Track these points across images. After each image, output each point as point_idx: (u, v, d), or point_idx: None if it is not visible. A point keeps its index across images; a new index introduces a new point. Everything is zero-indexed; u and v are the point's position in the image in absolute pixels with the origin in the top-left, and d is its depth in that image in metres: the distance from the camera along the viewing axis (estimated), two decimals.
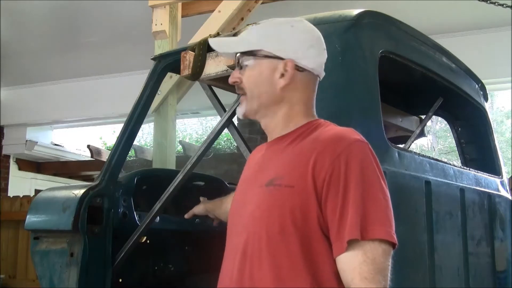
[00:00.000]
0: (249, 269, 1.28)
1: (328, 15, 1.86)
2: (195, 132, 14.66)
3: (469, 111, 2.70)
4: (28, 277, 5.71)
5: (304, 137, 1.36)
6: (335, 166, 1.24)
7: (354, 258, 1.19)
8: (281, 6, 4.50)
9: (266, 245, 1.27)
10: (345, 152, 1.25)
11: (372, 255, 1.18)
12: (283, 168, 1.33)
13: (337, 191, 1.22)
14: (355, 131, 1.33)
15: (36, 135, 8.01)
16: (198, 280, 2.79)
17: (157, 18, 3.91)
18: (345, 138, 1.29)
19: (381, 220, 1.21)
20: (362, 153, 1.27)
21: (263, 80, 1.39)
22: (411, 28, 2.13)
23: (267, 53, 1.38)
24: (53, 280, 2.30)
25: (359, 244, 1.19)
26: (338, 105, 1.76)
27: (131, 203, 2.46)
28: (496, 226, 2.39)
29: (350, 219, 1.20)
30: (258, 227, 1.30)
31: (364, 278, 1.17)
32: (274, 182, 1.31)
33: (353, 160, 1.24)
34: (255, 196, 1.35)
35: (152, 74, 2.37)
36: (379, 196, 1.24)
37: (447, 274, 1.98)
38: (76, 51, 6.37)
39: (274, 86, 1.39)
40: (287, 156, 1.35)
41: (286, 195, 1.27)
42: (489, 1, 3.78)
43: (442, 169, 2.08)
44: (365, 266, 1.17)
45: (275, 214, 1.27)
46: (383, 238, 1.20)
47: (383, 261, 1.19)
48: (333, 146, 1.27)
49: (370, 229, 1.19)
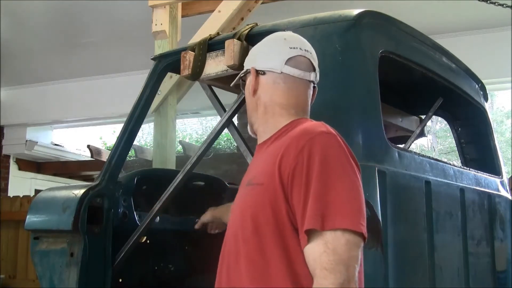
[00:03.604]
0: (226, 270, 1.31)
1: (328, 15, 1.86)
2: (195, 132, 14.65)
3: (469, 111, 2.70)
4: (28, 277, 5.70)
5: (281, 137, 1.39)
6: (298, 159, 1.25)
7: (315, 248, 1.18)
8: (281, 6, 4.50)
9: (242, 245, 1.28)
10: (308, 144, 1.26)
11: (333, 245, 1.17)
12: (258, 168, 1.36)
13: (300, 184, 1.23)
14: (324, 124, 1.34)
15: (36, 135, 8.00)
16: (198, 280, 2.79)
17: (157, 18, 3.91)
18: (309, 132, 1.30)
19: (344, 210, 1.20)
20: (326, 145, 1.27)
21: (248, 99, 1.51)
22: (411, 28, 2.13)
23: (245, 71, 1.52)
24: (53, 280, 2.30)
25: (320, 235, 1.18)
26: (338, 105, 1.76)
27: (131, 203, 2.46)
28: (496, 226, 2.39)
29: (309, 210, 1.20)
30: (235, 229, 1.32)
31: (324, 268, 1.16)
32: (251, 181, 1.34)
33: (315, 152, 1.24)
34: (238, 198, 1.40)
35: (152, 74, 2.37)
36: (344, 186, 1.23)
37: (447, 274, 1.98)
38: (76, 51, 6.36)
39: (250, 97, 1.49)
40: (263, 156, 1.39)
41: (258, 193, 1.29)
42: (489, 1, 3.77)
43: (442, 169, 2.08)
44: (325, 257, 1.16)
45: (248, 214, 1.29)
46: (346, 228, 1.18)
47: (346, 251, 1.17)
48: (297, 141, 1.28)
49: (330, 219, 1.18)
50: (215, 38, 2.14)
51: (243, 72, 1.53)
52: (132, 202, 2.46)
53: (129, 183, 2.50)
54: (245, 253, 1.27)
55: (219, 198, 2.89)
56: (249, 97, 1.50)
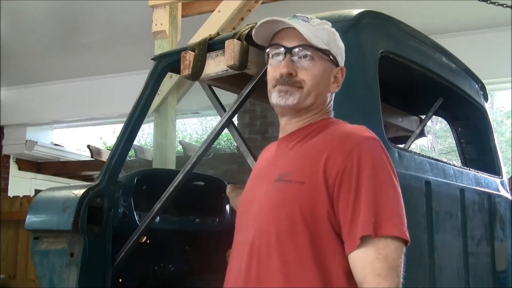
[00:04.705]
0: (256, 266, 1.27)
1: (328, 15, 1.85)
2: (195, 132, 14.65)
3: (469, 111, 2.70)
4: (28, 277, 5.70)
5: (315, 134, 1.37)
6: (347, 163, 1.24)
7: (366, 255, 1.18)
8: (281, 6, 4.50)
9: (275, 242, 1.26)
10: (356, 149, 1.25)
11: (385, 252, 1.17)
12: (293, 164, 1.33)
13: (350, 188, 1.22)
14: (367, 128, 1.35)
15: (36, 135, 8.00)
16: (198, 280, 2.79)
17: (157, 18, 3.91)
18: (357, 136, 1.30)
19: (393, 217, 1.21)
20: (374, 151, 1.28)
21: (323, 81, 1.41)
22: (411, 28, 2.13)
23: (333, 56, 1.42)
24: (53, 280, 2.30)
25: (371, 241, 1.18)
26: (338, 105, 1.75)
27: (131, 203, 2.46)
28: (496, 226, 2.39)
29: (362, 215, 1.19)
30: (266, 224, 1.29)
31: (377, 275, 1.16)
32: (284, 178, 1.31)
33: (365, 157, 1.24)
34: (264, 192, 1.35)
35: (152, 74, 2.37)
36: (391, 193, 1.24)
37: (447, 274, 1.98)
38: (76, 51, 6.36)
39: (328, 89, 1.43)
40: (298, 153, 1.36)
41: (296, 191, 1.27)
42: (489, 1, 3.77)
43: (442, 169, 2.08)
44: (378, 263, 1.17)
45: (285, 212, 1.26)
46: (396, 235, 1.19)
47: (396, 258, 1.18)
48: (344, 144, 1.27)
49: (383, 226, 1.19)
50: (215, 38, 2.13)
51: (334, 59, 1.43)
52: (132, 202, 2.46)
53: (129, 183, 2.51)
54: (279, 252, 1.25)
55: (219, 198, 2.89)
56: (325, 87, 1.41)
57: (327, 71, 1.41)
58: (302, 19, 1.39)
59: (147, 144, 11.13)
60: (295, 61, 1.38)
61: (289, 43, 1.38)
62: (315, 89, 1.38)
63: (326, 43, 1.39)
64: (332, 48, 1.41)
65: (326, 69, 1.41)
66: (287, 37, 1.39)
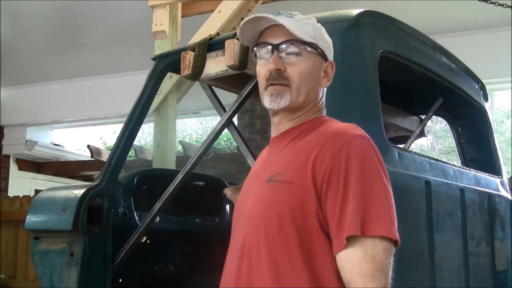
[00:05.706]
0: (247, 267, 1.27)
1: (328, 15, 1.86)
2: (195, 132, 14.65)
3: (469, 111, 2.70)
4: (28, 277, 5.70)
5: (307, 133, 1.36)
6: (335, 162, 1.22)
7: (353, 255, 1.16)
8: (281, 6, 4.50)
9: (264, 243, 1.25)
10: (345, 147, 1.23)
11: (372, 252, 1.16)
12: (283, 164, 1.32)
13: (337, 187, 1.20)
14: (357, 126, 1.32)
15: (36, 135, 8.01)
16: (198, 280, 2.79)
17: (157, 18, 3.91)
18: (346, 134, 1.28)
19: (382, 217, 1.19)
20: (363, 149, 1.25)
21: (313, 76, 1.39)
22: (411, 28, 2.13)
23: (320, 50, 1.40)
24: (53, 280, 2.30)
25: (359, 241, 1.16)
26: (338, 105, 1.75)
27: (131, 203, 2.46)
28: (496, 226, 2.39)
29: (349, 215, 1.18)
30: (256, 225, 1.28)
31: (364, 276, 1.14)
32: (274, 178, 1.30)
33: (353, 155, 1.22)
34: (255, 193, 1.34)
35: (152, 74, 2.37)
36: (380, 192, 1.22)
37: (447, 274, 1.98)
38: (76, 51, 6.36)
39: (319, 84, 1.41)
40: (288, 153, 1.35)
41: (285, 191, 1.26)
42: (489, 1, 3.77)
43: (442, 169, 2.08)
44: (365, 264, 1.15)
45: (274, 212, 1.25)
46: (384, 235, 1.17)
47: (384, 258, 1.16)
48: (333, 142, 1.25)
49: (370, 226, 1.17)
50: (215, 38, 2.14)
51: (323, 53, 1.41)
52: (132, 202, 2.46)
53: (129, 183, 2.51)
54: (268, 252, 1.24)
55: (219, 198, 2.89)
56: (316, 82, 1.39)
57: (316, 65, 1.39)
58: (286, 15, 1.38)
59: (147, 144, 11.13)
60: (283, 57, 1.36)
61: (276, 39, 1.37)
62: (305, 85, 1.37)
63: (313, 37, 1.38)
64: (319, 42, 1.39)
65: (315, 64, 1.39)
66: (273, 34, 1.38)
